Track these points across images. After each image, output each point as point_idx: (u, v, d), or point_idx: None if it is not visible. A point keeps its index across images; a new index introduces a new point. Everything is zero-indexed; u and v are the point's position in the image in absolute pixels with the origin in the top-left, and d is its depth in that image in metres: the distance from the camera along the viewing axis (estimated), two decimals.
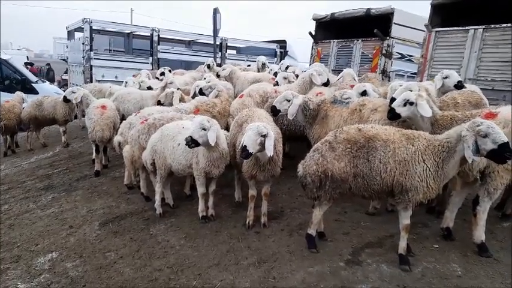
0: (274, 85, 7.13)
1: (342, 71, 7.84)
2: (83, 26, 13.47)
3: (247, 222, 4.64)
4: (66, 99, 7.72)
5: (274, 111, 5.26)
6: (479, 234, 3.86)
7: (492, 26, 7.98)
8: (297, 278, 3.61)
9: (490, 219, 3.99)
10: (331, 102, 5.33)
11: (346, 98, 5.21)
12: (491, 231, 4.27)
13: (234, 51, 20.16)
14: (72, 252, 4.42)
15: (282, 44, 19.10)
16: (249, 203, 4.64)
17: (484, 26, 8.09)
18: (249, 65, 13.17)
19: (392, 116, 4.27)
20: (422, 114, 4.03)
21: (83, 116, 9.20)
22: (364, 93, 5.63)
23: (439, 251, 3.98)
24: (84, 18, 13.32)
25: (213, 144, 4.30)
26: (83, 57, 13.41)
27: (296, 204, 5.29)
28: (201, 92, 6.86)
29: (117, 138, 5.91)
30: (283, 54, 18.71)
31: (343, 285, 3.49)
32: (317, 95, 6.34)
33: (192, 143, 4.16)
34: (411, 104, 4.13)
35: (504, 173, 3.67)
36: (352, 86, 6.74)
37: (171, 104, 6.72)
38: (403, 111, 4.19)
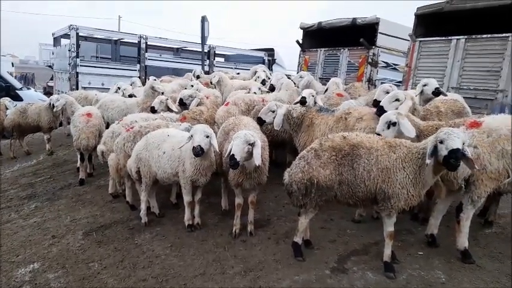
0: None
1: (329, 79, 7.94)
2: (69, 33, 13.34)
3: (233, 230, 4.62)
4: (53, 106, 7.64)
5: (260, 122, 5.27)
6: (463, 241, 3.90)
7: (474, 36, 8.17)
8: (283, 287, 3.60)
9: (473, 226, 4.05)
10: (317, 110, 5.37)
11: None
12: (475, 238, 4.32)
13: (222, 59, 20.20)
14: (54, 262, 4.32)
15: (270, 52, 19.22)
16: (236, 211, 4.62)
17: (466, 36, 8.28)
18: (238, 73, 13.23)
19: None
20: (405, 134, 4.03)
21: (68, 123, 9.08)
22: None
23: (423, 258, 4.02)
24: (71, 25, 13.20)
25: (218, 150, 4.33)
26: (69, 64, 13.26)
27: (283, 212, 5.29)
28: (181, 102, 6.82)
29: (100, 148, 5.84)
30: (271, 62, 18.81)
31: None
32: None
33: (201, 152, 4.13)
34: (394, 124, 4.16)
35: (488, 182, 3.73)
36: (338, 95, 6.82)
37: (163, 111, 6.68)
38: (388, 134, 4.18)
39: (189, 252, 4.32)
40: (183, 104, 6.87)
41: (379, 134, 4.18)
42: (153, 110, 6.68)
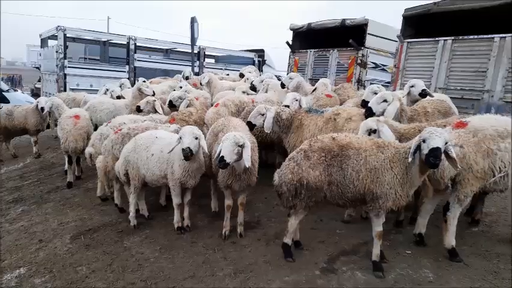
0: None
1: (319, 80, 7.98)
2: (56, 34, 13.18)
3: (223, 232, 4.61)
4: (42, 109, 7.55)
5: (250, 126, 5.23)
6: (450, 239, 3.95)
7: (460, 37, 8.29)
8: None
9: (460, 224, 4.10)
10: (306, 111, 5.39)
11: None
12: (462, 237, 4.37)
13: (212, 60, 20.16)
14: (41, 267, 4.26)
15: (260, 53, 19.24)
16: (225, 213, 4.61)
17: (453, 38, 8.40)
18: (227, 74, 13.22)
19: None
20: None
21: (56, 125, 8.96)
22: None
23: (411, 257, 4.05)
24: (58, 26, 13.04)
25: (207, 152, 4.33)
26: (57, 66, 13.08)
27: (273, 213, 5.29)
28: (171, 104, 6.80)
29: (88, 150, 5.78)
30: (261, 63, 18.83)
31: None
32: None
33: (190, 154, 4.11)
34: (374, 131, 4.20)
35: (474, 181, 3.77)
36: (327, 95, 6.86)
37: (149, 112, 6.64)
38: None
39: (179, 254, 4.29)
40: (172, 106, 6.86)
41: None
42: (138, 110, 6.64)
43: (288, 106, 5.73)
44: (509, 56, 7.48)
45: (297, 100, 5.98)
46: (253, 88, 7.80)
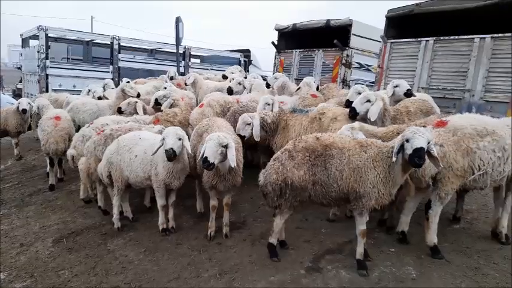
0: None
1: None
2: (38, 34, 12.91)
3: (208, 233, 4.59)
4: (24, 110, 7.39)
5: (240, 138, 5.09)
6: (432, 237, 4.01)
7: (442, 38, 8.44)
8: None
9: (441, 222, 4.17)
10: (291, 111, 5.41)
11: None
12: (443, 234, 4.45)
13: (198, 60, 20.05)
14: (22, 272, 4.18)
15: (246, 53, 19.22)
16: (211, 213, 4.59)
17: (434, 38, 8.55)
18: (215, 74, 13.17)
19: None
20: None
21: (37, 126, 8.79)
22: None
23: (395, 255, 4.10)
24: (40, 26, 12.78)
25: (191, 153, 4.32)
26: (38, 66, 12.82)
27: (259, 213, 5.29)
28: (157, 102, 6.77)
29: (70, 152, 5.68)
30: (247, 63, 18.82)
31: None
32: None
33: (173, 155, 4.08)
34: None
35: (454, 179, 3.84)
36: (312, 95, 6.89)
37: (131, 114, 6.57)
38: None
39: (164, 256, 4.26)
40: (158, 105, 6.81)
41: None
42: (119, 111, 6.57)
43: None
44: (489, 56, 7.65)
45: (269, 105, 5.86)
46: (230, 91, 7.73)
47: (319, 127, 5.02)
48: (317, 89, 7.57)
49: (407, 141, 3.32)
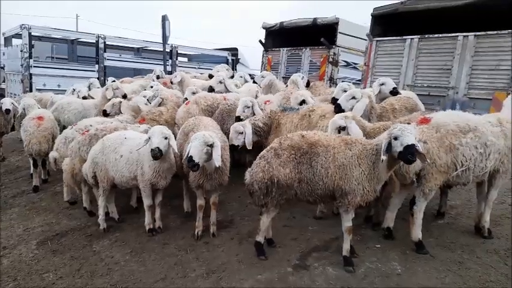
0: None
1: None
2: (20, 32, 12.67)
3: (196, 232, 4.57)
4: (7, 111, 7.24)
5: (235, 148, 5.09)
6: (417, 232, 4.07)
7: (426, 36, 8.55)
8: (246, 287, 3.59)
9: (426, 217, 4.23)
10: (282, 110, 5.39)
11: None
12: (428, 229, 4.51)
13: (185, 59, 19.93)
14: (5, 275, 4.09)
15: (234, 51, 19.17)
16: (198, 213, 4.57)
17: (419, 36, 8.64)
18: (201, 73, 13.10)
19: None
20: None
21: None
22: (303, 102, 5.78)
23: (381, 251, 4.15)
24: (22, 24, 12.54)
25: (177, 152, 4.29)
26: (22, 65, 12.59)
27: (246, 212, 5.29)
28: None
29: (52, 154, 5.59)
30: (235, 62, 18.78)
31: None
32: (265, 103, 6.39)
33: (159, 154, 4.04)
34: (343, 128, 4.26)
35: (438, 175, 3.90)
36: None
37: (117, 114, 6.49)
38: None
39: (150, 257, 4.22)
40: None
41: None
42: (105, 114, 6.49)
43: (239, 117, 5.54)
44: (472, 54, 7.77)
45: (248, 107, 5.71)
46: (211, 89, 7.62)
47: (309, 124, 5.01)
48: (308, 85, 7.50)
49: (395, 138, 3.34)
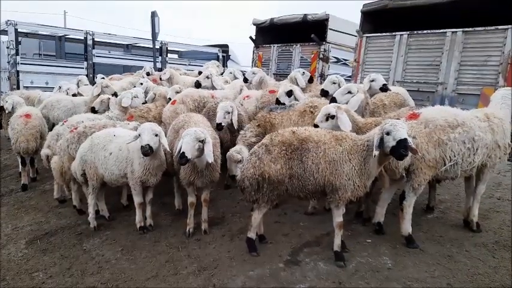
0: None
1: (283, 74, 7.94)
2: (6, 29, 12.42)
3: (187, 230, 4.55)
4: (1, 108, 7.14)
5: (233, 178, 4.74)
6: (407, 227, 4.12)
7: (415, 32, 8.61)
8: (237, 283, 3.60)
9: (416, 212, 4.27)
10: (269, 111, 5.28)
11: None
12: (417, 223, 4.57)
13: (176, 56, 19.79)
14: None
15: (224, 48, 19.08)
16: (189, 210, 4.56)
17: (408, 32, 8.71)
18: (191, 70, 13.03)
19: None
20: (341, 128, 4.08)
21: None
22: (290, 93, 5.76)
23: (371, 246, 4.18)
24: (8, 20, 12.27)
25: (168, 149, 4.27)
26: (8, 62, 12.34)
27: (237, 208, 5.29)
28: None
29: (44, 152, 5.52)
30: (226, 58, 18.70)
31: (282, 286, 3.53)
32: (244, 98, 6.36)
33: (150, 151, 4.01)
34: (332, 117, 4.23)
35: (427, 170, 3.94)
36: (270, 91, 6.80)
37: (105, 111, 6.43)
38: (326, 126, 4.23)
39: (141, 255, 4.20)
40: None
41: (317, 125, 4.26)
42: (93, 110, 6.42)
43: (220, 124, 5.14)
44: (461, 50, 7.85)
45: (229, 113, 5.26)
46: (198, 85, 7.50)
47: (312, 120, 4.89)
48: (311, 81, 7.17)
49: (387, 133, 3.36)
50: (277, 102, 5.73)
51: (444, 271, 3.70)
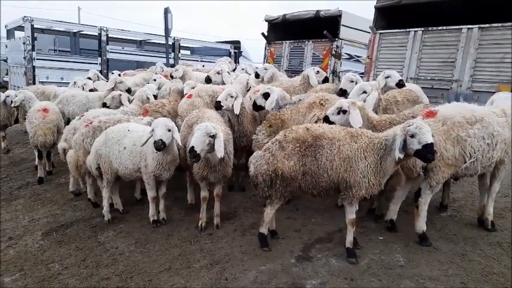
0: None
1: (295, 71, 7.93)
2: (23, 25, 12.64)
3: (199, 224, 4.60)
4: (11, 102, 7.27)
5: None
6: (421, 224, 4.09)
7: (430, 28, 8.49)
8: (249, 278, 3.63)
9: (429, 209, 4.23)
10: (276, 110, 5.21)
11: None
12: (431, 221, 4.53)
13: (188, 52, 19.88)
14: (11, 265, 4.13)
15: (236, 44, 19.11)
16: (201, 204, 4.60)
17: (423, 29, 8.59)
18: (203, 66, 13.07)
19: (327, 123, 4.19)
20: (351, 124, 4.03)
21: (25, 119, 8.63)
22: (266, 95, 5.55)
23: (383, 243, 4.17)
24: (25, 16, 12.49)
25: (181, 144, 4.30)
26: (24, 58, 12.57)
27: (249, 204, 5.32)
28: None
29: (61, 145, 5.61)
30: (238, 54, 18.71)
31: (293, 281, 3.55)
32: (254, 92, 6.34)
33: (163, 146, 4.05)
34: (344, 112, 4.18)
35: (445, 168, 3.89)
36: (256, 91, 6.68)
37: (117, 107, 6.50)
38: (336, 119, 4.21)
39: (154, 248, 4.26)
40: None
41: (327, 117, 4.23)
42: (105, 106, 6.51)
43: (219, 102, 5.03)
44: (476, 47, 7.72)
45: (232, 97, 5.12)
46: (208, 80, 7.47)
47: (320, 112, 4.85)
48: (325, 80, 6.81)
49: (412, 136, 3.31)
50: (254, 105, 5.48)
51: (458, 270, 3.67)
